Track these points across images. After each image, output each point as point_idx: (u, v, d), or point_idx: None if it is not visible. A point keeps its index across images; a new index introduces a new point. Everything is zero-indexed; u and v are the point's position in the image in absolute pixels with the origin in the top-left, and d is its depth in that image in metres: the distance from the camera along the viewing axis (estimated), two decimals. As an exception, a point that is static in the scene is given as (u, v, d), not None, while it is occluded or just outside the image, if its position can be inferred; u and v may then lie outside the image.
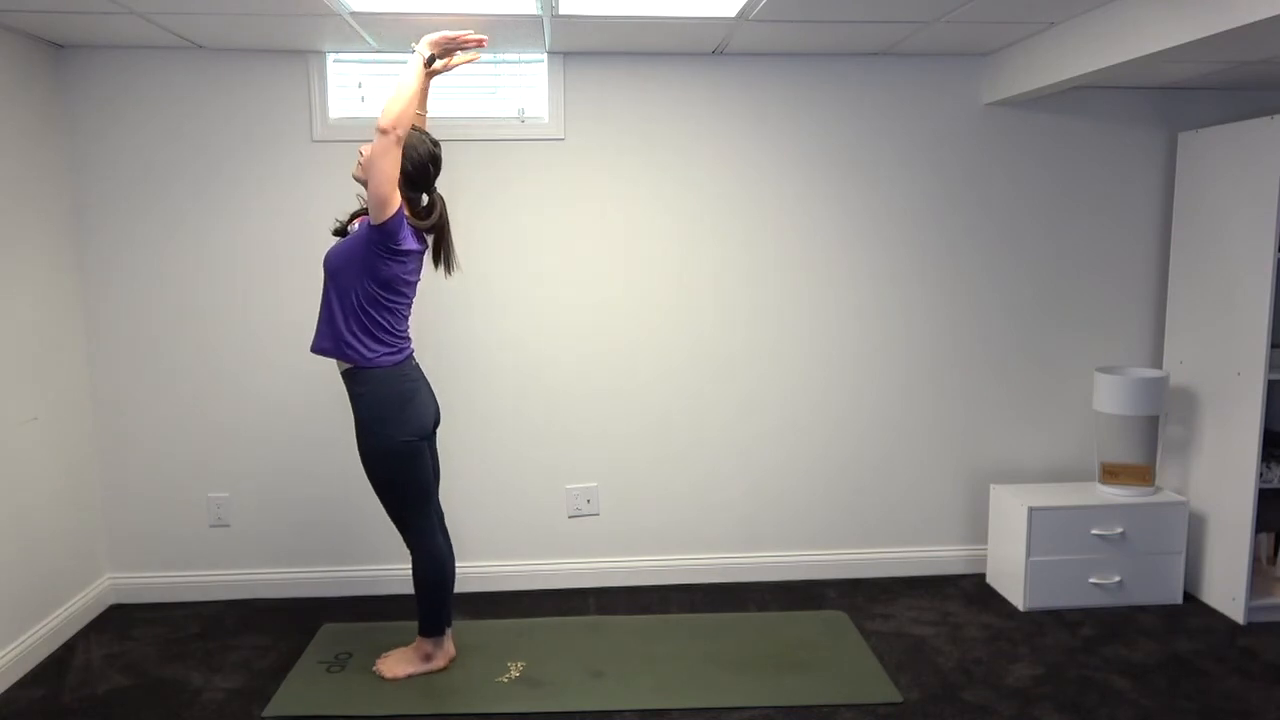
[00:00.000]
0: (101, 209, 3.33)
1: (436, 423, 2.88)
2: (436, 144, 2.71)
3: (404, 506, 2.77)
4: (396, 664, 2.92)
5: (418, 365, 2.82)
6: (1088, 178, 3.60)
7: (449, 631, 2.95)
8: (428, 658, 2.92)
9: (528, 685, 2.86)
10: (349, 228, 2.77)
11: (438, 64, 2.73)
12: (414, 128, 2.69)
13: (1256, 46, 2.75)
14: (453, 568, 2.95)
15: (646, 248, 3.51)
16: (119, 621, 3.35)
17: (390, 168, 2.51)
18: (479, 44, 2.72)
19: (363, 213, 2.77)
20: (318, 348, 2.71)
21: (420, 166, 2.66)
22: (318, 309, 3.40)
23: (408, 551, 3.49)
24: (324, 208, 3.37)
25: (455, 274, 2.92)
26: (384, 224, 2.56)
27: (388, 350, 2.69)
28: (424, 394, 2.79)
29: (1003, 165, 3.56)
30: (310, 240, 3.38)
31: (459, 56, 2.77)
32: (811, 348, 3.61)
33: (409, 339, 2.79)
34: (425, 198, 2.74)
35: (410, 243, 2.67)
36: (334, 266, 2.66)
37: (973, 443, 3.71)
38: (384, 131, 2.48)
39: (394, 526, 3.49)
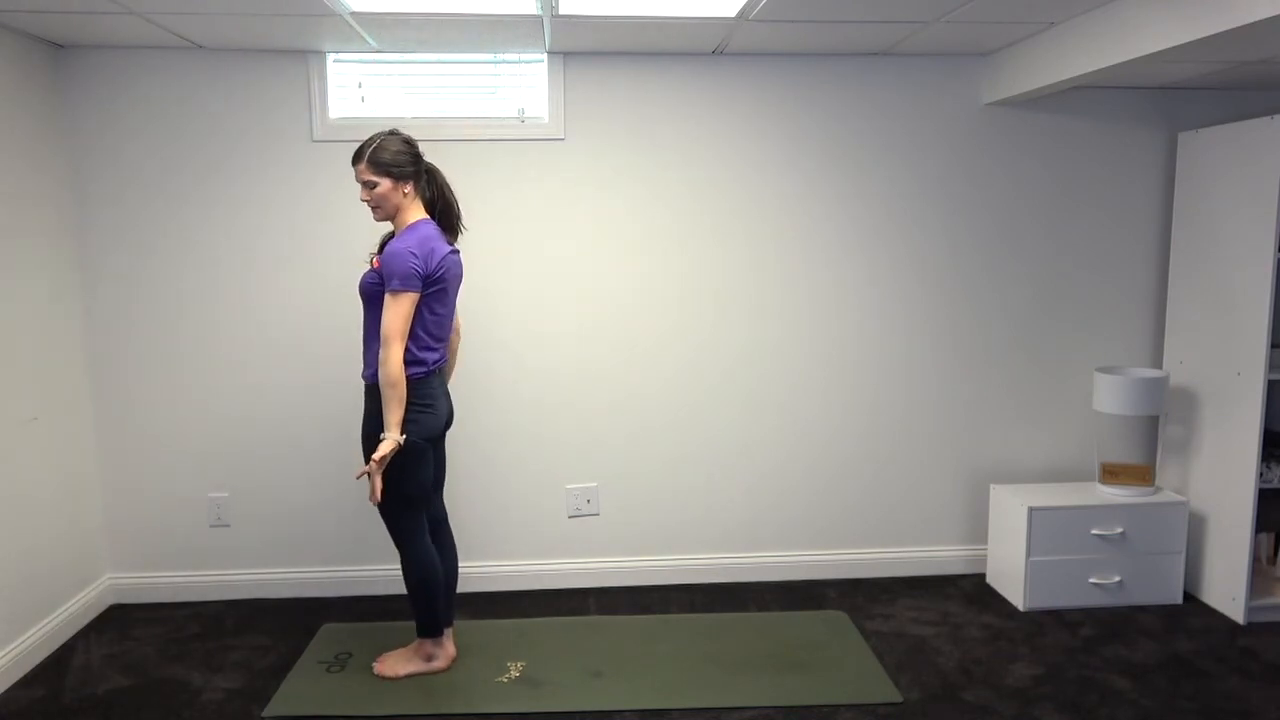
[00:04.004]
0: (101, 209, 3.33)
1: (448, 425, 2.87)
2: (394, 132, 2.69)
3: (396, 505, 2.74)
4: (396, 663, 2.92)
5: (442, 378, 2.80)
6: (1088, 178, 3.60)
7: (449, 632, 2.95)
8: (429, 658, 2.92)
9: (528, 685, 2.86)
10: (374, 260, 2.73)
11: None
12: (388, 135, 2.67)
13: (1256, 46, 2.75)
14: (450, 568, 2.94)
15: (646, 248, 3.51)
16: (119, 621, 3.35)
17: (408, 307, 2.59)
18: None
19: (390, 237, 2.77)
20: (369, 376, 2.71)
21: (411, 158, 2.67)
22: (323, 313, 3.42)
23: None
24: (324, 208, 3.37)
25: (462, 236, 2.92)
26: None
27: (419, 370, 2.67)
28: (440, 403, 2.76)
29: (1003, 165, 3.56)
30: (310, 240, 3.39)
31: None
32: (812, 347, 3.61)
33: (443, 351, 2.77)
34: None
35: (441, 248, 2.68)
36: (372, 293, 2.68)
37: (973, 443, 3.71)
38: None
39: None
